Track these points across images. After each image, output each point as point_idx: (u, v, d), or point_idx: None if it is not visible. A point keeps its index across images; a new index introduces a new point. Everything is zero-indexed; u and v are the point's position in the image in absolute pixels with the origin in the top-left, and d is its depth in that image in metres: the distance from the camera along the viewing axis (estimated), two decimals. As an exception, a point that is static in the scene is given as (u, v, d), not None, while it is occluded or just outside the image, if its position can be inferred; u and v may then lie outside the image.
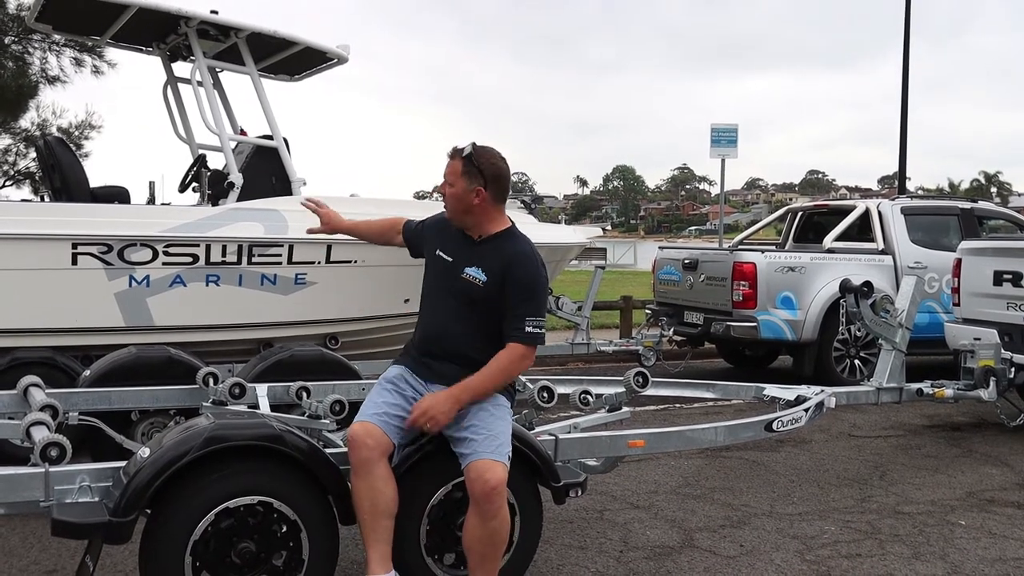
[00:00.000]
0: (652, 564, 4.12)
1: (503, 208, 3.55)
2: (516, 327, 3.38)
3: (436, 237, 3.62)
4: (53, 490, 3.01)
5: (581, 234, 9.15)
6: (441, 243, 3.57)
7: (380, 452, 3.21)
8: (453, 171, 3.45)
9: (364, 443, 3.19)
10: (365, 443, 3.19)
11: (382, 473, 3.21)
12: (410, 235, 3.86)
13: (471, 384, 3.34)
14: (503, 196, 3.51)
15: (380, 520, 3.21)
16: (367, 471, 3.19)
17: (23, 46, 15.86)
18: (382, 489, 3.20)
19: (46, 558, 4.03)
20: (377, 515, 3.20)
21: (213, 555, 3.04)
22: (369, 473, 3.19)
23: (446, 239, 3.58)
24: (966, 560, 4.24)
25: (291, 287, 6.29)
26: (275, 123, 6.72)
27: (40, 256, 5.53)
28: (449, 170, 3.47)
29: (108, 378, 4.95)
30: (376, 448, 3.20)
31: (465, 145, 3.47)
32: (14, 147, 19.47)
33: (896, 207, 9.47)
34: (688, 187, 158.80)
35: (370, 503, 3.19)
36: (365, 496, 3.19)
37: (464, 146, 3.46)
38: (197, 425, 3.16)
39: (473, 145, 3.46)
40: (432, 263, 3.59)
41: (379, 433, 3.24)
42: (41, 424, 3.53)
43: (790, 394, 5.44)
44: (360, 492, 3.20)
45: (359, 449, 3.19)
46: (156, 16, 6.25)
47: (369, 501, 3.19)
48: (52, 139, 6.69)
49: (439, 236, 3.61)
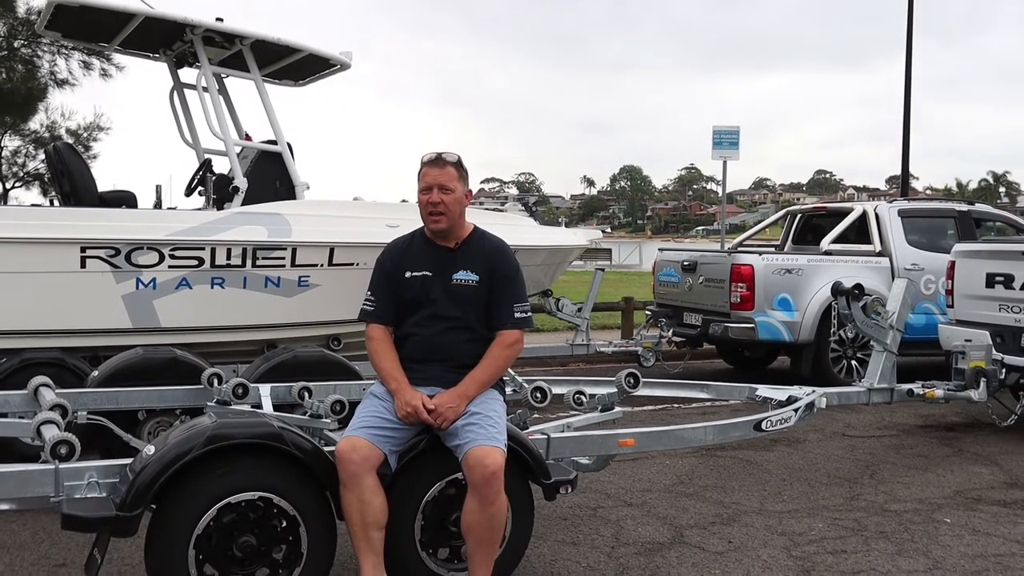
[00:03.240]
0: (642, 559, 4.25)
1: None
2: (506, 315, 3.61)
3: (397, 264, 3.68)
4: (63, 486, 3.15)
5: (582, 236, 9.28)
6: (407, 265, 3.66)
7: (367, 465, 3.31)
8: (450, 177, 3.61)
9: (351, 458, 3.29)
10: (351, 459, 3.29)
11: (370, 485, 3.31)
12: (392, 299, 3.70)
13: (477, 378, 3.52)
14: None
15: (370, 531, 3.31)
16: (355, 484, 3.29)
17: (32, 49, 16.06)
18: (370, 501, 3.30)
19: (56, 552, 4.17)
20: (367, 526, 3.31)
21: (215, 548, 3.18)
22: (357, 486, 3.29)
23: (409, 259, 3.67)
24: (948, 556, 4.36)
25: (294, 289, 6.43)
26: (279, 128, 6.86)
27: (50, 259, 5.67)
28: (445, 177, 3.60)
29: (116, 378, 5.09)
30: (363, 462, 3.30)
31: (446, 152, 3.64)
32: (23, 149, 19.72)
33: (893, 209, 9.58)
34: (695, 187, 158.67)
35: (360, 515, 3.30)
36: (355, 508, 3.30)
37: (447, 153, 3.64)
38: (200, 424, 3.29)
39: (449, 152, 3.66)
40: (407, 286, 3.64)
41: (366, 446, 3.33)
42: (51, 423, 3.67)
43: (782, 395, 5.56)
44: (350, 505, 3.31)
45: (347, 464, 3.29)
46: (163, 24, 6.40)
47: (359, 513, 3.30)
48: (62, 145, 6.84)
49: (399, 261, 3.69)
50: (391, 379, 3.56)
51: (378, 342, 3.66)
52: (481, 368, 3.56)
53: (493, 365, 3.58)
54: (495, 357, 3.59)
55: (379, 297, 3.69)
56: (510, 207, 9.25)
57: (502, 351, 3.60)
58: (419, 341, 3.65)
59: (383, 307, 3.68)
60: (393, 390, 3.54)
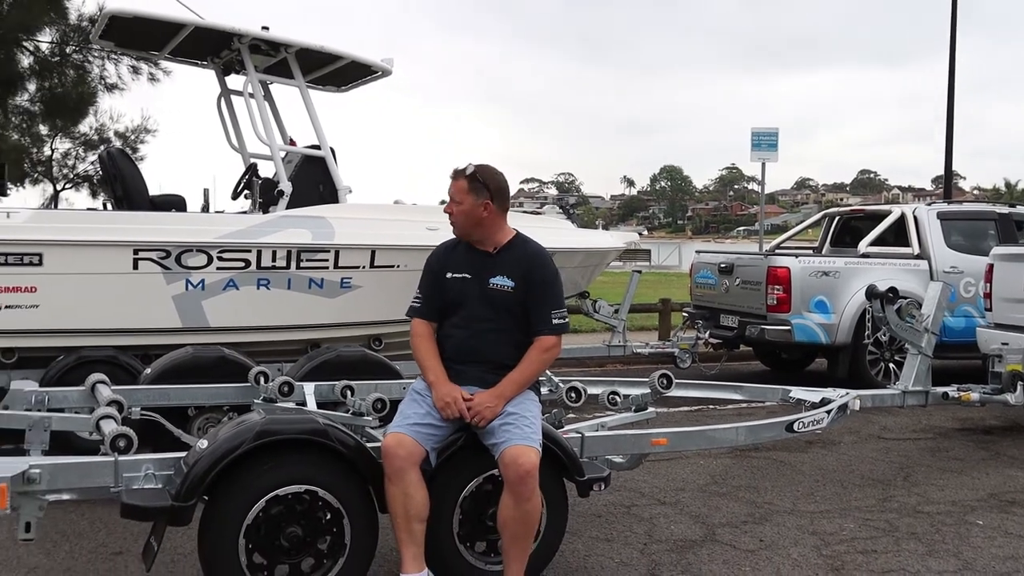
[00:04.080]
0: (674, 556, 4.35)
1: (506, 219, 3.86)
2: (544, 321, 3.72)
3: (442, 265, 3.86)
4: (122, 477, 3.34)
5: (619, 238, 9.39)
6: (450, 267, 3.82)
7: (412, 461, 3.48)
8: (459, 190, 3.76)
9: (396, 453, 3.46)
10: (397, 453, 3.46)
11: (414, 479, 3.47)
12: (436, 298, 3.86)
13: (514, 379, 3.67)
14: (506, 207, 3.85)
15: (412, 523, 3.47)
16: (400, 478, 3.46)
17: (83, 55, 16.47)
18: (413, 494, 3.46)
19: (112, 541, 4.38)
20: (410, 518, 3.46)
21: (264, 538, 3.35)
22: (402, 480, 3.46)
23: (452, 261, 3.84)
24: (978, 557, 4.41)
25: (337, 291, 6.62)
26: (322, 133, 7.06)
27: (104, 261, 5.91)
28: (455, 189, 3.77)
29: (167, 376, 5.30)
30: (407, 457, 3.47)
31: (466, 165, 3.78)
32: (73, 151, 20.25)
33: (932, 212, 9.56)
34: (736, 187, 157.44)
35: (403, 508, 3.46)
36: (399, 501, 3.46)
37: (465, 166, 3.77)
38: (250, 420, 3.47)
39: (473, 165, 3.78)
40: (448, 287, 3.81)
41: (410, 442, 3.50)
42: (110, 418, 3.88)
43: (815, 396, 5.62)
44: (394, 498, 3.47)
45: (392, 459, 3.46)
46: (211, 34, 6.63)
47: (402, 506, 3.46)
48: (115, 150, 7.11)
49: (444, 262, 3.86)
50: (430, 372, 3.74)
51: (420, 337, 3.85)
52: (518, 370, 3.70)
53: (530, 368, 3.72)
54: (532, 360, 3.72)
55: (425, 295, 3.87)
56: (548, 209, 9.39)
57: (539, 355, 3.73)
58: (457, 342, 3.80)
59: (427, 305, 3.86)
60: (431, 382, 3.71)
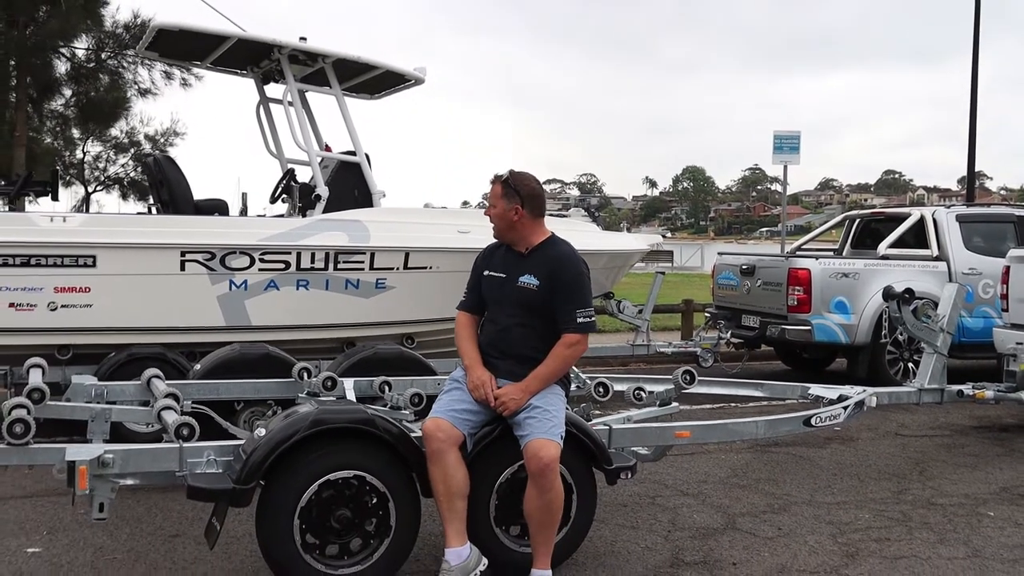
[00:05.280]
0: (696, 543, 4.60)
1: (542, 222, 4.11)
2: (569, 319, 3.95)
3: (485, 264, 4.18)
4: (186, 463, 3.64)
5: (642, 240, 9.62)
6: (489, 265, 4.14)
7: (450, 442, 3.75)
8: (494, 194, 4.06)
9: (435, 436, 3.74)
10: (436, 436, 3.74)
11: (453, 459, 3.75)
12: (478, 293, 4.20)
13: (539, 374, 3.91)
14: (540, 212, 4.09)
15: (454, 500, 3.74)
16: (440, 458, 3.73)
17: (118, 61, 16.89)
18: (453, 473, 3.73)
19: (168, 524, 4.67)
20: (451, 496, 3.73)
21: (316, 520, 3.63)
22: (442, 460, 3.73)
23: (493, 260, 4.15)
24: (987, 545, 4.63)
25: (372, 291, 6.91)
26: (357, 140, 7.35)
27: (153, 263, 6.23)
28: (491, 194, 4.08)
29: (215, 371, 5.59)
30: (446, 440, 3.74)
31: (503, 172, 4.07)
32: (104, 154, 20.70)
33: (951, 214, 9.73)
34: (759, 188, 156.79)
35: (444, 486, 3.73)
36: (440, 480, 3.73)
37: (503, 173, 4.07)
38: (303, 410, 3.76)
39: (510, 171, 4.08)
40: (487, 283, 4.14)
41: (448, 426, 3.78)
42: (170, 409, 4.17)
43: (833, 393, 5.84)
44: (436, 477, 3.74)
45: (432, 441, 3.74)
46: (253, 45, 6.94)
47: (443, 484, 3.73)
48: (161, 156, 7.44)
49: (486, 261, 4.18)
50: (466, 356, 4.06)
51: (461, 327, 4.19)
52: (544, 365, 3.94)
53: (555, 363, 3.95)
54: (556, 356, 3.95)
55: (470, 289, 4.23)
56: (573, 212, 9.54)
57: (564, 351, 3.96)
58: (489, 335, 4.09)
59: (471, 298, 4.21)
60: (467, 366, 4.03)
